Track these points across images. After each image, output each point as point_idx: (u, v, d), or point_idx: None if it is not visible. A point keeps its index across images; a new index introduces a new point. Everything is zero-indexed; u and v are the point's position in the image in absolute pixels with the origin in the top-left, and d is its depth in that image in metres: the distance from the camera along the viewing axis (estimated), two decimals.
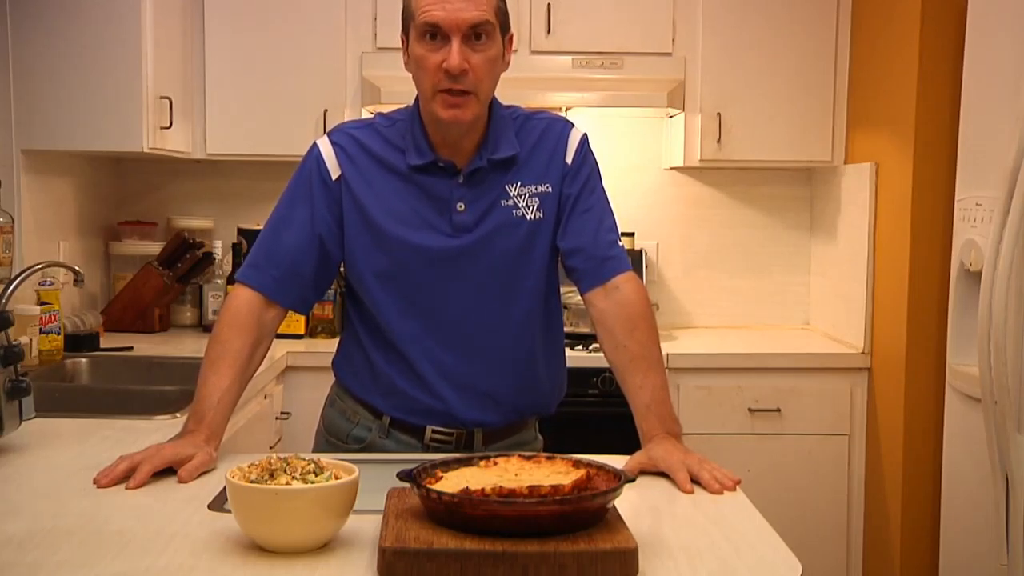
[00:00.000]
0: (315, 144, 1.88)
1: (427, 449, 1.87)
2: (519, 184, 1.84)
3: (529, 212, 1.84)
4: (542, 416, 2.00)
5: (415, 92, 1.89)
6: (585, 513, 1.28)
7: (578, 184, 1.87)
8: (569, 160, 1.87)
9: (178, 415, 2.13)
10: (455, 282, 1.82)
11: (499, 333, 1.85)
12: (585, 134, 1.92)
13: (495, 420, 1.88)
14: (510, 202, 1.83)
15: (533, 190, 1.85)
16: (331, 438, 1.95)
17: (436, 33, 1.72)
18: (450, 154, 1.82)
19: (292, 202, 1.86)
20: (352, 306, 1.93)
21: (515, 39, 3.49)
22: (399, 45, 1.87)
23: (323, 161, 1.84)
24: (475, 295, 1.83)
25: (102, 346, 3.16)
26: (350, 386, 1.94)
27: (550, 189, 1.86)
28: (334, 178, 1.83)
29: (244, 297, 1.83)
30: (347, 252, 1.85)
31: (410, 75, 1.85)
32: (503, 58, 1.81)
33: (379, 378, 1.88)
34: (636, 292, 1.84)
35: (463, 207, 1.81)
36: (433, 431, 1.87)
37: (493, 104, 1.85)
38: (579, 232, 1.85)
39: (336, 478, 1.33)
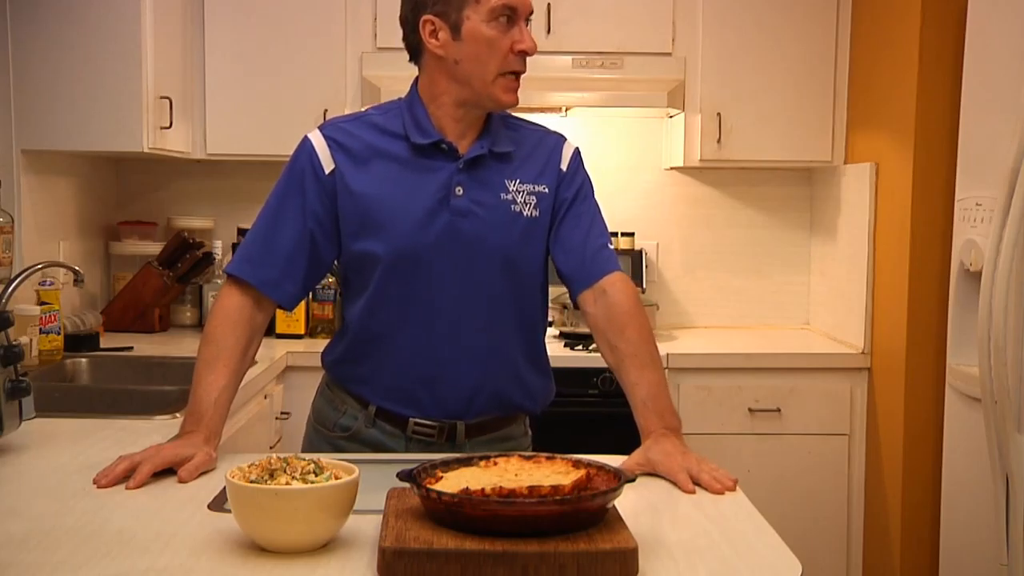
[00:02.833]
0: (306, 138, 1.86)
1: (410, 440, 1.88)
2: (518, 181, 1.86)
3: (527, 209, 1.85)
4: (529, 413, 2.00)
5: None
6: (585, 513, 1.28)
7: (572, 189, 1.91)
8: (564, 167, 1.91)
9: (178, 415, 2.13)
10: (451, 269, 1.82)
11: (491, 325, 1.86)
12: (577, 147, 1.96)
13: (481, 412, 1.89)
14: (508, 196, 1.84)
15: (531, 188, 1.86)
16: (319, 426, 1.97)
17: (510, 16, 1.76)
18: (453, 139, 1.83)
19: (284, 196, 1.85)
20: (345, 297, 1.94)
21: None
22: (399, 45, 1.87)
23: (316, 155, 1.83)
24: (471, 285, 1.84)
25: (102, 346, 3.16)
26: (337, 376, 1.95)
27: (546, 190, 1.88)
28: (327, 172, 1.82)
29: (236, 295, 1.83)
30: (344, 241, 1.85)
31: (410, 74, 1.85)
32: None
33: (367, 367, 1.89)
34: (624, 292, 1.85)
35: (461, 192, 1.81)
36: (416, 423, 1.88)
37: None
38: (570, 235, 1.88)
39: (336, 478, 1.33)
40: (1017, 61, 2.23)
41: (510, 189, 1.85)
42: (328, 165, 1.82)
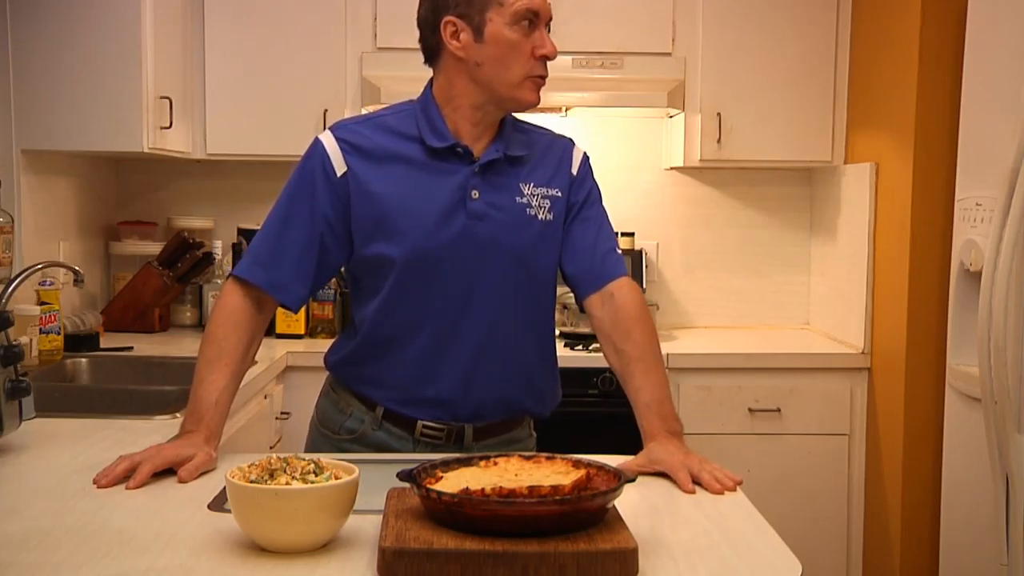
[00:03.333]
0: (318, 140, 1.84)
1: (417, 443, 1.87)
2: (532, 184, 1.86)
3: (541, 213, 1.85)
4: (537, 417, 2.00)
5: (415, 92, 1.89)
6: (585, 513, 1.28)
7: (582, 194, 1.91)
8: (574, 171, 1.92)
9: (178, 415, 2.12)
10: (465, 272, 1.82)
11: (505, 328, 1.85)
12: (586, 152, 1.97)
13: (491, 415, 1.88)
14: (523, 199, 1.84)
15: (545, 192, 1.87)
16: (323, 429, 1.96)
17: (532, 20, 1.77)
18: (468, 142, 1.83)
19: (294, 199, 1.84)
20: (355, 299, 1.92)
21: None
22: (399, 45, 1.87)
23: (328, 157, 1.81)
24: (485, 289, 1.83)
25: (102, 346, 3.16)
26: (343, 377, 1.94)
27: (559, 193, 1.89)
28: (339, 174, 1.81)
29: (239, 295, 1.82)
30: (356, 244, 1.83)
31: (411, 74, 1.86)
32: None
33: (377, 369, 1.88)
34: (631, 296, 1.85)
35: (477, 195, 1.81)
36: (424, 426, 1.87)
37: None
38: (578, 239, 1.89)
39: (336, 478, 1.33)
40: (1017, 61, 2.23)
41: (525, 192, 1.85)
42: (340, 168, 1.81)
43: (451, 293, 1.82)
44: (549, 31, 1.82)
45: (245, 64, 3.40)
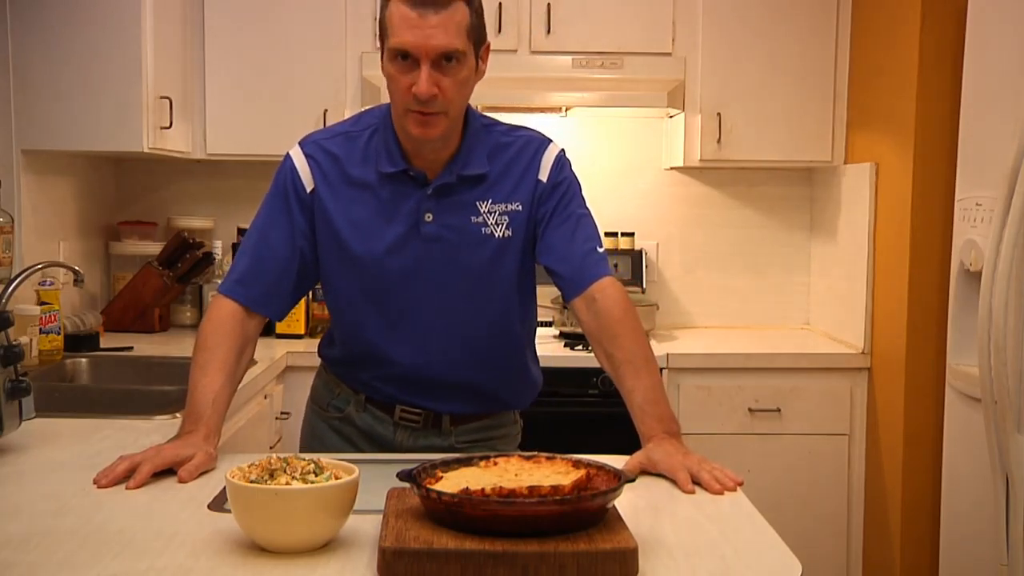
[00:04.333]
0: (288, 156, 1.89)
1: (397, 426, 1.95)
2: (490, 201, 1.86)
3: (498, 230, 1.86)
4: (515, 410, 2.06)
5: None
6: (585, 513, 1.28)
7: (553, 200, 1.88)
8: (544, 178, 1.88)
9: (178, 415, 2.12)
10: (424, 293, 1.86)
11: (469, 341, 1.90)
12: (562, 150, 1.93)
13: (464, 411, 1.96)
14: (479, 219, 1.85)
15: (503, 208, 1.86)
16: (315, 405, 2.05)
17: (407, 56, 1.72)
18: (422, 165, 1.83)
19: (271, 216, 1.88)
20: (329, 308, 2.01)
21: (516, 39, 3.50)
22: None
23: (297, 174, 1.86)
24: (445, 306, 1.87)
25: (102, 346, 3.16)
26: (331, 368, 2.03)
27: (520, 208, 1.87)
28: (308, 191, 1.85)
29: (227, 306, 1.86)
30: (320, 264, 1.90)
31: None
32: (477, 70, 1.80)
33: (356, 370, 1.96)
34: (614, 299, 1.83)
35: (431, 218, 1.83)
36: (402, 410, 1.94)
37: (469, 116, 1.85)
38: (555, 245, 1.87)
39: (336, 478, 1.33)
40: (1017, 61, 2.23)
41: (481, 211, 1.85)
42: (309, 184, 1.86)
43: (413, 312, 1.87)
44: (453, 61, 1.72)
45: (245, 64, 3.40)
